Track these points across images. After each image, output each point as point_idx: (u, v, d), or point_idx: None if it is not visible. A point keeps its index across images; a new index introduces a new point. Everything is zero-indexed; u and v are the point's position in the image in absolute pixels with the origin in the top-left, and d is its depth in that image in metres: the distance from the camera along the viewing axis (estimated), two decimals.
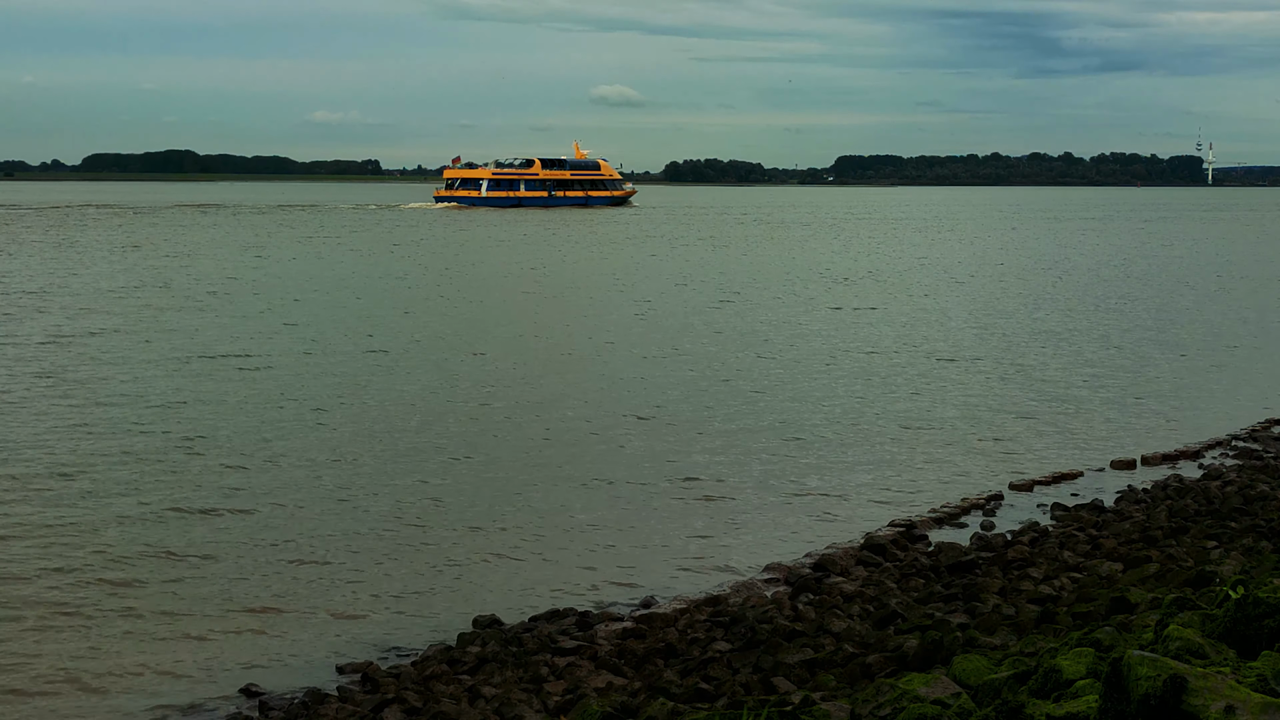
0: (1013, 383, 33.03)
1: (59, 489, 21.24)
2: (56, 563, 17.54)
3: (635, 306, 50.96)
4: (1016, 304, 53.63)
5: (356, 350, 37.43)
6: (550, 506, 20.76)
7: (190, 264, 71.37)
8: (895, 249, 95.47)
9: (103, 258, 75.65)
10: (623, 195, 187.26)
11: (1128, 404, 30.40)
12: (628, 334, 42.15)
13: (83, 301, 50.22)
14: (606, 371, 34.27)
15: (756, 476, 22.83)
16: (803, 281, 64.27)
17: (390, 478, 22.38)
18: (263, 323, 44.04)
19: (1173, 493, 21.03)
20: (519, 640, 14.59)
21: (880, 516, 20.31)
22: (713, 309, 50.19)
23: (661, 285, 60.89)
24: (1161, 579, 14.08)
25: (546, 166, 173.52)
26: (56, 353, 36.12)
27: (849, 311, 50.11)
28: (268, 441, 24.99)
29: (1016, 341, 41.26)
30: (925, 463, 24.11)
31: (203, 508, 20.32)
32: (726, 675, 12.75)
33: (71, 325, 42.40)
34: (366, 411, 28.17)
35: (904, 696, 8.55)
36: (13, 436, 24.98)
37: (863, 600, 15.57)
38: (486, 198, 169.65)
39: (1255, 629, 7.34)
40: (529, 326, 44.52)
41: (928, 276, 68.15)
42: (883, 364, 36.02)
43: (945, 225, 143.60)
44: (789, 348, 39.09)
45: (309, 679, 14.06)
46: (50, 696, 13.57)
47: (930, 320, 47.25)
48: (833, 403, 29.85)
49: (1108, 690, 6.42)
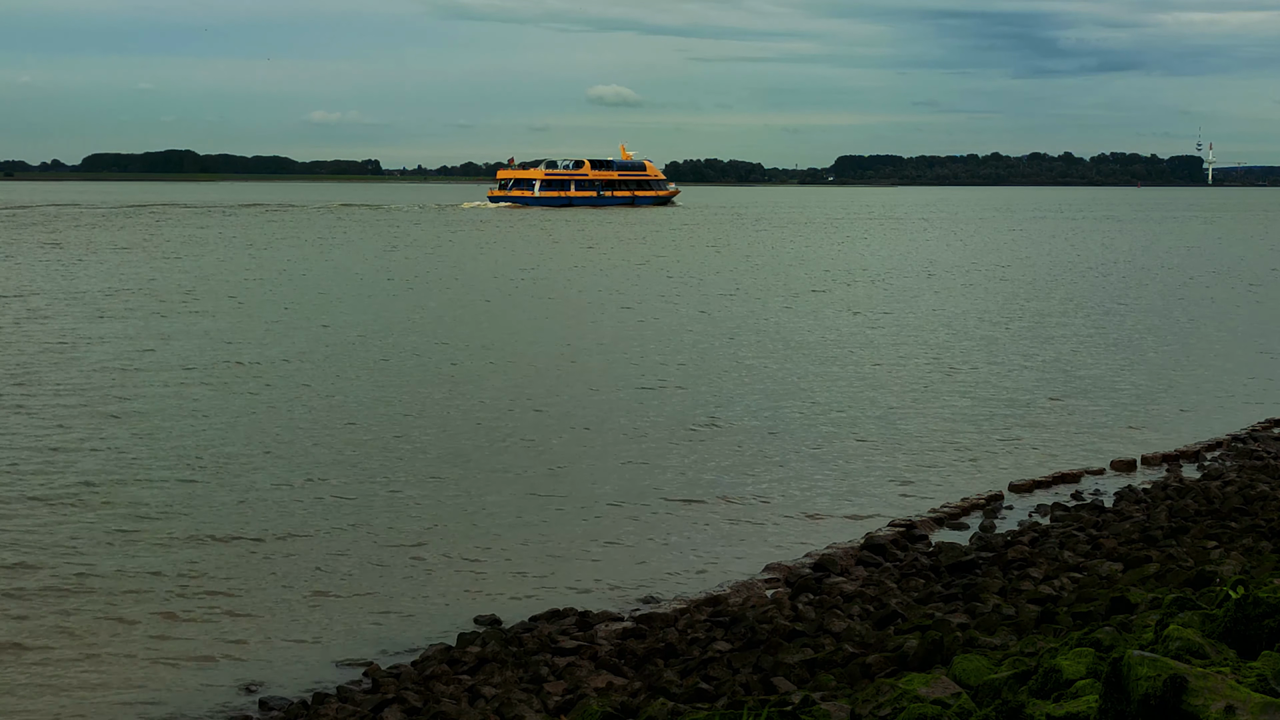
0: (1013, 383, 33.03)
1: (59, 489, 21.24)
2: (56, 563, 17.54)
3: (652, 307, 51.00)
4: (1017, 304, 53.62)
5: (387, 350, 37.47)
6: (550, 506, 20.76)
7: (327, 260, 76.15)
8: (916, 248, 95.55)
9: (236, 260, 75.70)
10: (666, 195, 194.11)
11: (1128, 404, 30.39)
12: (629, 333, 42.17)
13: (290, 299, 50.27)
14: (607, 371, 34.26)
15: (756, 476, 22.83)
16: (803, 281, 64.31)
17: (390, 477, 22.37)
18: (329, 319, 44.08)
19: (1173, 493, 21.03)
20: (519, 640, 14.59)
21: (880, 516, 20.31)
22: (712, 309, 50.19)
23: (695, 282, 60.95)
24: (1161, 579, 14.07)
25: (595, 167, 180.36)
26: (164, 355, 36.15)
27: (850, 311, 50.11)
28: (268, 441, 24.99)
29: (1016, 341, 41.25)
30: (925, 463, 24.11)
31: (202, 508, 20.32)
32: (726, 675, 12.76)
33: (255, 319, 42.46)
34: (369, 412, 28.17)
35: (904, 696, 8.56)
36: (13, 435, 24.99)
37: (863, 600, 15.56)
38: (539, 197, 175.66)
39: (1255, 629, 7.34)
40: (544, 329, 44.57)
41: (935, 278, 68.15)
42: (883, 363, 36.01)
43: (957, 224, 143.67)
44: (789, 347, 39.08)
45: (309, 679, 14.07)
46: (50, 697, 13.56)
47: (930, 320, 47.25)
48: (833, 402, 29.85)
49: (1108, 690, 6.42)
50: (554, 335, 42.00)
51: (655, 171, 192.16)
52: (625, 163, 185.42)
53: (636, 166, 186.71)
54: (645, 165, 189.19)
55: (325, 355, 36.40)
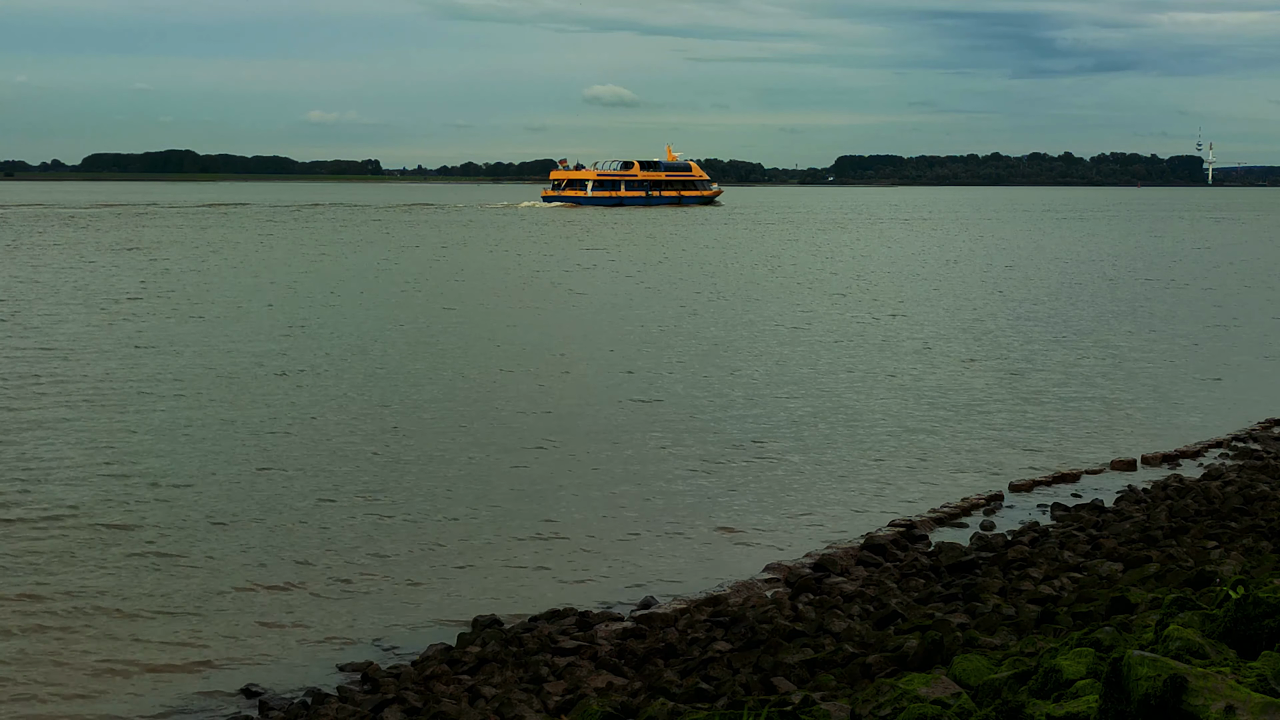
0: (1013, 383, 33.02)
1: (58, 488, 21.24)
2: (56, 564, 17.54)
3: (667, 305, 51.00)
4: (1018, 303, 53.61)
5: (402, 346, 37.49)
6: (550, 506, 20.75)
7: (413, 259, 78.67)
8: (920, 247, 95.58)
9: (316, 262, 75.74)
10: (710, 195, 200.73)
11: (1128, 404, 30.39)
12: (628, 333, 42.18)
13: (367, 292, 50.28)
14: (606, 373, 34.26)
15: (756, 476, 22.83)
16: (809, 282, 64.34)
17: (390, 477, 22.37)
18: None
19: (1173, 493, 21.02)
20: (519, 640, 14.59)
21: (880, 516, 20.31)
22: (719, 305, 50.21)
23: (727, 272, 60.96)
24: (1161, 579, 14.07)
25: (644, 169, 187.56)
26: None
27: (852, 313, 50.11)
28: (268, 441, 24.99)
29: (1017, 341, 41.24)
30: (926, 462, 24.11)
31: (202, 508, 20.31)
32: (726, 675, 12.75)
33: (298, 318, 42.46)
34: (370, 411, 28.16)
35: (904, 696, 8.55)
36: (14, 433, 24.99)
37: (863, 600, 15.56)
38: (592, 197, 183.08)
39: (1255, 629, 7.34)
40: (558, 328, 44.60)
41: (943, 279, 68.16)
42: (884, 363, 36.01)
43: (968, 223, 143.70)
44: (789, 347, 39.08)
45: (309, 679, 14.06)
46: (50, 697, 13.56)
47: (933, 320, 47.25)
48: (832, 402, 29.84)
49: (1108, 690, 6.42)
50: (561, 336, 42.02)
51: (700, 172, 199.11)
52: (672, 164, 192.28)
53: (682, 167, 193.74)
54: (691, 166, 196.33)
55: (338, 357, 36.40)
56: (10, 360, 34.61)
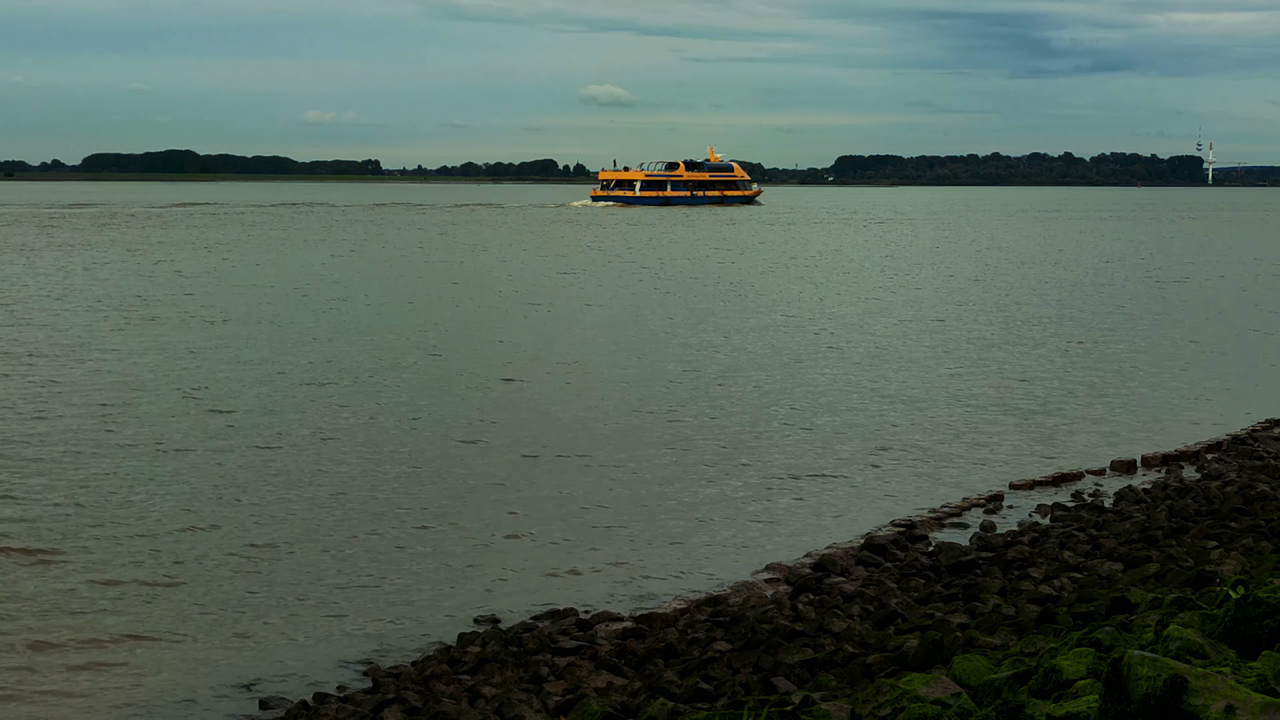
0: (1013, 383, 33.02)
1: (58, 489, 21.23)
2: (56, 564, 17.54)
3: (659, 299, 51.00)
4: (1018, 303, 53.61)
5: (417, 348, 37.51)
6: (550, 506, 20.75)
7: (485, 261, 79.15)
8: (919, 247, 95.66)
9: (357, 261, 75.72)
10: (752, 195, 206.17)
11: (1128, 404, 30.40)
12: (627, 334, 42.19)
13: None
14: (607, 373, 34.27)
15: (757, 476, 22.83)
16: (814, 282, 64.36)
17: (390, 477, 22.38)
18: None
19: (1173, 493, 21.01)
20: (519, 640, 14.59)
21: (880, 516, 20.31)
22: (718, 306, 50.21)
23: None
24: (1161, 579, 14.07)
25: (689, 169, 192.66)
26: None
27: (853, 312, 50.12)
28: (268, 441, 24.99)
29: (1017, 341, 41.24)
30: (926, 462, 24.11)
31: (202, 508, 20.31)
32: (726, 675, 12.75)
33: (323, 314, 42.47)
34: (372, 411, 28.16)
35: (904, 696, 8.56)
36: (14, 429, 25.00)
37: (863, 600, 15.56)
38: (640, 197, 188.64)
39: (1255, 629, 7.34)
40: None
41: (946, 278, 68.17)
42: (884, 363, 36.01)
43: (975, 223, 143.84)
44: (790, 346, 39.09)
45: (309, 679, 14.07)
46: (50, 697, 13.56)
47: (933, 320, 47.24)
48: (833, 402, 29.84)
49: (1108, 690, 6.42)
50: (566, 342, 42.02)
51: (741, 173, 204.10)
52: (715, 164, 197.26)
53: (725, 168, 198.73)
54: (733, 167, 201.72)
55: (354, 359, 36.42)
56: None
